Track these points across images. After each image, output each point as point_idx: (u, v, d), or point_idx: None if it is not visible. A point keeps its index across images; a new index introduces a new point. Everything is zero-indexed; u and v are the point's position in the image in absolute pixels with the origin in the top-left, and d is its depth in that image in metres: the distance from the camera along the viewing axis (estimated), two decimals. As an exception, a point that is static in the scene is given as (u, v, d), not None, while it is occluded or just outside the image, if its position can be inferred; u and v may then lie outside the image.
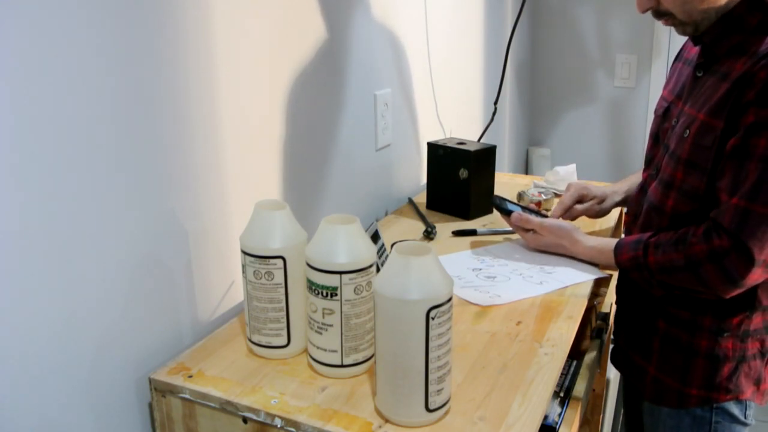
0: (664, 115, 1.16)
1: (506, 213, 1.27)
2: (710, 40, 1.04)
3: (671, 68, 1.25)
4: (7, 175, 0.71)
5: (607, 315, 1.49)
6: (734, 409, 1.10)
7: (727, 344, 1.07)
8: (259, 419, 0.80)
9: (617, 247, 1.11)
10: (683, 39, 1.19)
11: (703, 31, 1.04)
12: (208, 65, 0.96)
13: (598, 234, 1.36)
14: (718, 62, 1.04)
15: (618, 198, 1.36)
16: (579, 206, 1.34)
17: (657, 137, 1.18)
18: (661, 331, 1.13)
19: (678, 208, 1.06)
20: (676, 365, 1.11)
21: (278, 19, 1.11)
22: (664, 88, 1.23)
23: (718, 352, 1.08)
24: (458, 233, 1.36)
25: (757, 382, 1.10)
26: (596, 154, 2.77)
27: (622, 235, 1.38)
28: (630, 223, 1.22)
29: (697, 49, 1.13)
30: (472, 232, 1.37)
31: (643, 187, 1.19)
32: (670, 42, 2.51)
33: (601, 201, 1.35)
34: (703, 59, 1.07)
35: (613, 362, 1.31)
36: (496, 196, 1.36)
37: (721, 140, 0.98)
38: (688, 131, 1.04)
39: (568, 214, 1.34)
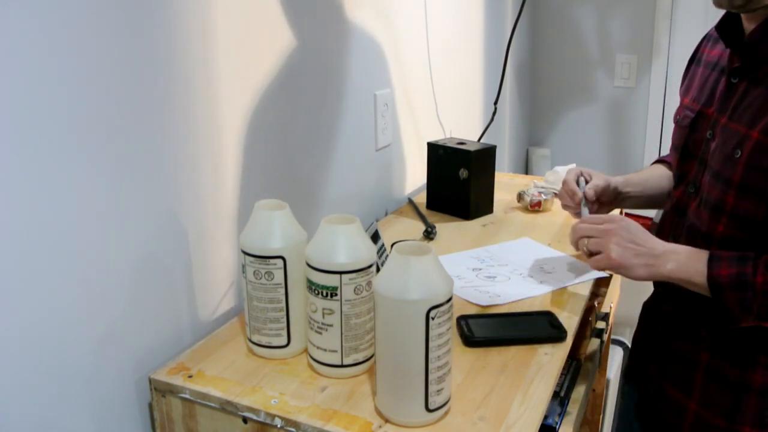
0: (691, 127, 1.05)
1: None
2: (753, 41, 0.93)
3: (689, 71, 1.14)
4: (6, 175, 0.71)
5: (607, 315, 1.49)
6: None
7: None
8: (259, 419, 0.80)
9: (713, 258, 0.92)
10: (684, 38, 1.14)
11: (751, 8, 0.90)
12: (208, 65, 0.96)
13: None
14: (760, 69, 0.93)
15: (630, 188, 1.20)
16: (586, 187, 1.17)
17: (686, 150, 1.06)
18: (704, 364, 1.02)
19: (730, 235, 0.95)
20: (723, 402, 1.01)
21: (278, 19, 1.11)
22: (685, 94, 1.12)
23: None
24: None
25: None
26: (596, 154, 2.77)
27: None
28: None
29: (718, 51, 1.04)
30: None
31: (677, 207, 1.07)
32: (670, 42, 2.51)
33: (605, 182, 1.18)
34: (739, 63, 0.95)
35: (636, 385, 1.19)
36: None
37: None
38: (739, 152, 0.92)
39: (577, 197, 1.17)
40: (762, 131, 0.89)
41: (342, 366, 0.86)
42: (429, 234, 1.36)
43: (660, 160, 1.31)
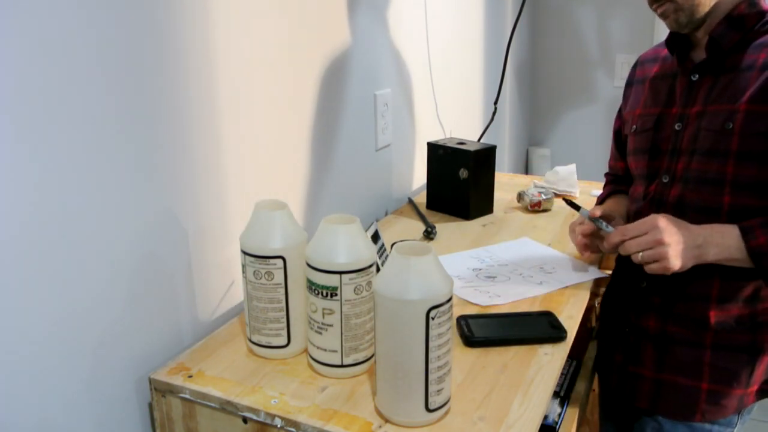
0: (655, 127, 1.12)
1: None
2: (718, 35, 1.04)
3: (630, 91, 1.23)
4: (7, 175, 0.71)
5: (607, 315, 1.49)
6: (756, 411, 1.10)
7: None
8: (259, 419, 0.80)
9: (745, 231, 0.98)
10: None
11: (695, 25, 1.05)
12: (208, 65, 0.96)
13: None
14: (722, 62, 1.04)
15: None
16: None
17: (655, 149, 1.12)
18: (710, 341, 1.07)
19: (738, 203, 1.01)
20: (737, 369, 1.07)
21: (278, 19, 1.11)
22: (634, 108, 1.19)
23: None
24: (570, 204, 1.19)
25: None
26: (596, 154, 2.77)
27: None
28: None
29: (660, 67, 1.16)
30: (577, 207, 1.17)
31: (653, 200, 1.11)
32: (670, 42, 2.52)
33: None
34: (706, 56, 1.06)
35: (642, 403, 1.16)
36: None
37: None
38: (731, 124, 1.00)
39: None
40: (748, 102, 0.99)
41: (342, 366, 0.86)
42: (429, 234, 1.36)
43: (615, 191, 1.32)
